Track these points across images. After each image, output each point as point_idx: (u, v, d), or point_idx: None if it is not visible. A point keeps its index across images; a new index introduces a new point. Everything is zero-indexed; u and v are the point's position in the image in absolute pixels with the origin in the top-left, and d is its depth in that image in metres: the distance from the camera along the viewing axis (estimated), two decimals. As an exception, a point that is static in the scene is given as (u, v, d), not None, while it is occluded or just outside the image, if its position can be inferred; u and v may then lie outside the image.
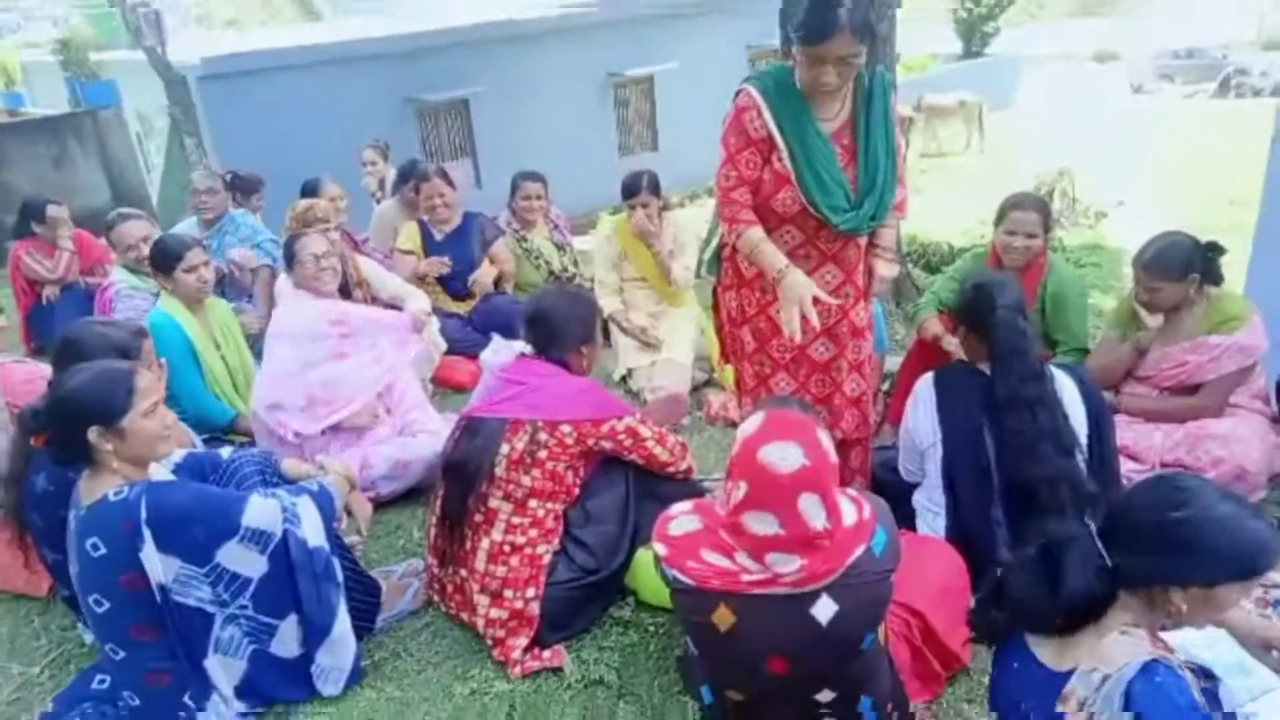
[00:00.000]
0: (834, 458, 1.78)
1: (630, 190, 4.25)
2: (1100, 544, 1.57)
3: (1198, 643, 2.07)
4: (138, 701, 2.23)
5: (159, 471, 2.34)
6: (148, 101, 12.21)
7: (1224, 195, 11.24)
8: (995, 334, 2.41)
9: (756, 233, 2.49)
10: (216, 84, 10.42)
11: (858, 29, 2.25)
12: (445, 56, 11.86)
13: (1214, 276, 3.04)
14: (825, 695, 1.87)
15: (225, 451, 2.57)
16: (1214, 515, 1.47)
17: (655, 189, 4.25)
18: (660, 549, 1.83)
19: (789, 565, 1.70)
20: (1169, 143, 16.26)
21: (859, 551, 1.75)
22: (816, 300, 2.41)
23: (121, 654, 2.20)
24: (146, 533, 2.08)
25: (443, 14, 13.36)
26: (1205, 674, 1.92)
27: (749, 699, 1.92)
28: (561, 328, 2.60)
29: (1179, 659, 1.56)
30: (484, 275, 4.65)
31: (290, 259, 3.61)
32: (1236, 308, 3.04)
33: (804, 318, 2.38)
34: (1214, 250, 3.02)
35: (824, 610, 1.73)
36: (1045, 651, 1.63)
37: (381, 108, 10.96)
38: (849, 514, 1.79)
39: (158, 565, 2.11)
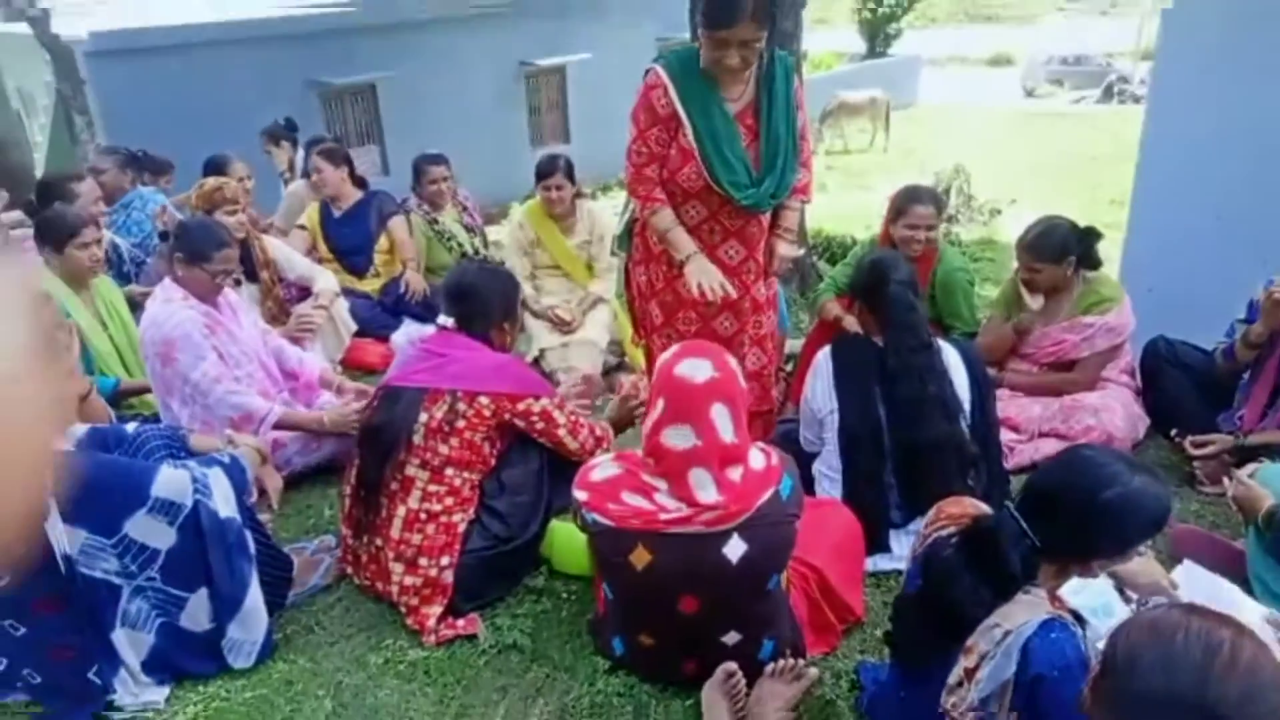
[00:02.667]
0: (742, 381, 1.94)
1: (545, 171, 4.29)
2: (1024, 525, 1.64)
3: (1069, 588, 2.27)
4: (39, 679, 2.19)
5: (60, 446, 2.29)
6: (30, 77, 11.58)
7: (1107, 195, 11.93)
8: (887, 307, 2.57)
9: (667, 214, 2.60)
10: (107, 60, 9.96)
11: (759, 14, 2.36)
12: (351, 39, 11.61)
13: (1091, 261, 3.29)
14: (731, 637, 1.99)
15: (131, 426, 2.53)
16: (1134, 489, 1.58)
17: (570, 173, 4.31)
18: (581, 494, 1.92)
19: (707, 490, 1.81)
20: (1058, 144, 17.12)
21: (768, 494, 1.88)
22: (725, 278, 2.55)
23: (22, 630, 2.15)
24: (51, 503, 2.04)
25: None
26: (1076, 617, 2.12)
27: (660, 642, 2.02)
28: (484, 302, 2.63)
29: (1070, 615, 1.71)
30: (415, 283, 4.64)
31: (197, 258, 3.09)
32: (1109, 290, 3.31)
33: (704, 293, 2.50)
34: (1090, 235, 3.26)
35: (734, 549, 1.85)
36: None
37: (284, 89, 10.63)
38: (758, 460, 1.92)
39: (63, 536, 2.08)
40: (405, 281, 4.65)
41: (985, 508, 1.87)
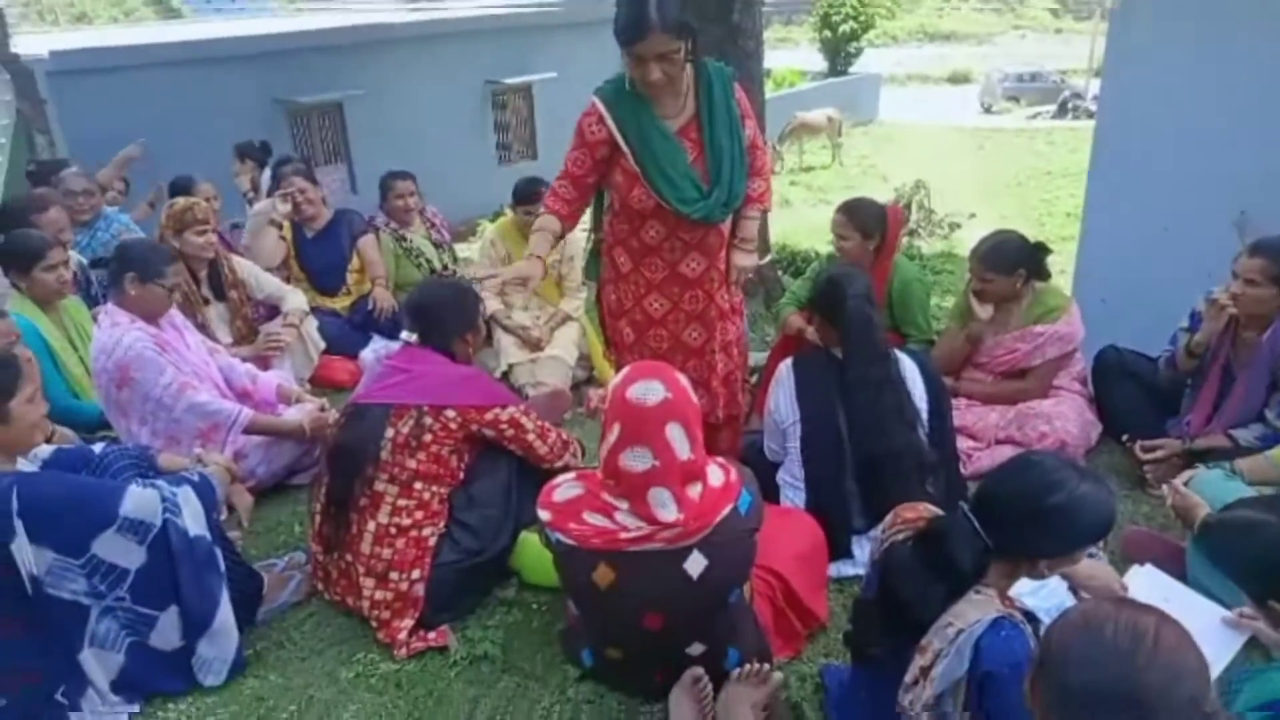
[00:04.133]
0: (694, 398, 1.97)
1: (529, 196, 4.32)
2: (976, 525, 1.71)
3: (1026, 590, 2.34)
4: (3, 701, 2.17)
5: (25, 468, 2.29)
6: (-11, 97, 11.44)
7: (1062, 208, 12.21)
8: (846, 321, 2.65)
9: (549, 220, 2.74)
10: (69, 79, 9.87)
11: (670, 26, 2.37)
12: (318, 58, 11.60)
13: (1040, 273, 3.40)
14: (696, 649, 2.03)
15: (98, 447, 2.53)
16: (1079, 494, 1.66)
17: None
18: (544, 514, 1.96)
19: (668, 509, 1.85)
20: (1015, 159, 17.49)
21: (726, 510, 1.92)
22: (675, 285, 2.79)
23: (-16, 652, 2.14)
24: (18, 524, 2.04)
25: (316, 18, 13.05)
26: (1030, 618, 2.19)
27: (627, 656, 2.06)
28: (445, 316, 2.68)
29: (1021, 614, 1.78)
30: (383, 300, 4.67)
31: (148, 274, 3.08)
32: (1057, 300, 3.42)
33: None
34: (1041, 249, 3.38)
35: (695, 565, 1.89)
36: None
37: (251, 108, 10.60)
38: (716, 477, 1.97)
39: (30, 557, 2.07)
40: (374, 299, 4.67)
41: (940, 512, 1.94)
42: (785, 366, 2.80)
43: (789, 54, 30.81)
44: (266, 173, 5.85)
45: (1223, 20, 3.82)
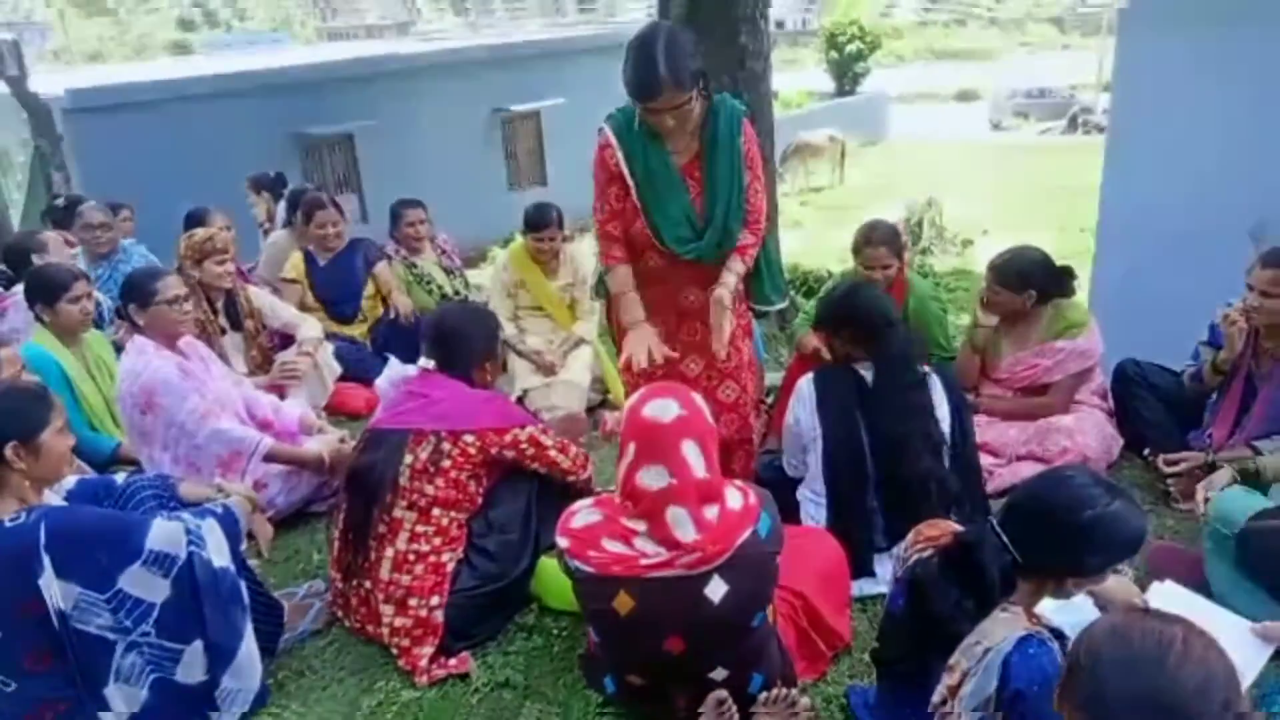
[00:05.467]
0: (710, 418, 1.97)
1: (539, 224, 4.37)
2: (1005, 539, 1.71)
3: (1049, 607, 2.32)
4: (33, 734, 2.18)
5: (51, 499, 2.31)
6: (5, 135, 11.65)
7: (1077, 223, 12.16)
8: (884, 344, 2.63)
9: (622, 273, 2.67)
10: (85, 116, 10.05)
11: (680, 81, 2.40)
12: (329, 91, 11.76)
13: (1064, 292, 3.37)
14: (719, 674, 2.01)
15: (120, 477, 2.55)
16: (1111, 511, 1.66)
17: (561, 223, 4.44)
18: (563, 542, 1.95)
19: (686, 529, 1.85)
20: (1027, 174, 17.47)
21: (746, 534, 1.91)
22: (672, 315, 2.78)
23: (12, 685, 2.14)
24: (45, 558, 2.05)
25: (326, 50, 13.24)
26: (1059, 636, 2.17)
27: (649, 682, 2.05)
28: (464, 343, 2.69)
29: (1048, 631, 1.77)
30: (404, 306, 4.72)
31: (144, 298, 3.12)
32: (1078, 315, 3.40)
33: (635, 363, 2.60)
34: (1066, 273, 3.35)
35: (716, 590, 1.88)
36: None
37: (264, 141, 10.76)
38: (735, 499, 1.96)
39: (57, 592, 2.07)
40: (394, 305, 4.71)
41: (961, 529, 1.93)
42: (806, 380, 2.78)
43: (796, 75, 30.97)
44: (282, 204, 5.92)
45: (1227, 27, 3.82)
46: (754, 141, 2.71)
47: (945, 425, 2.67)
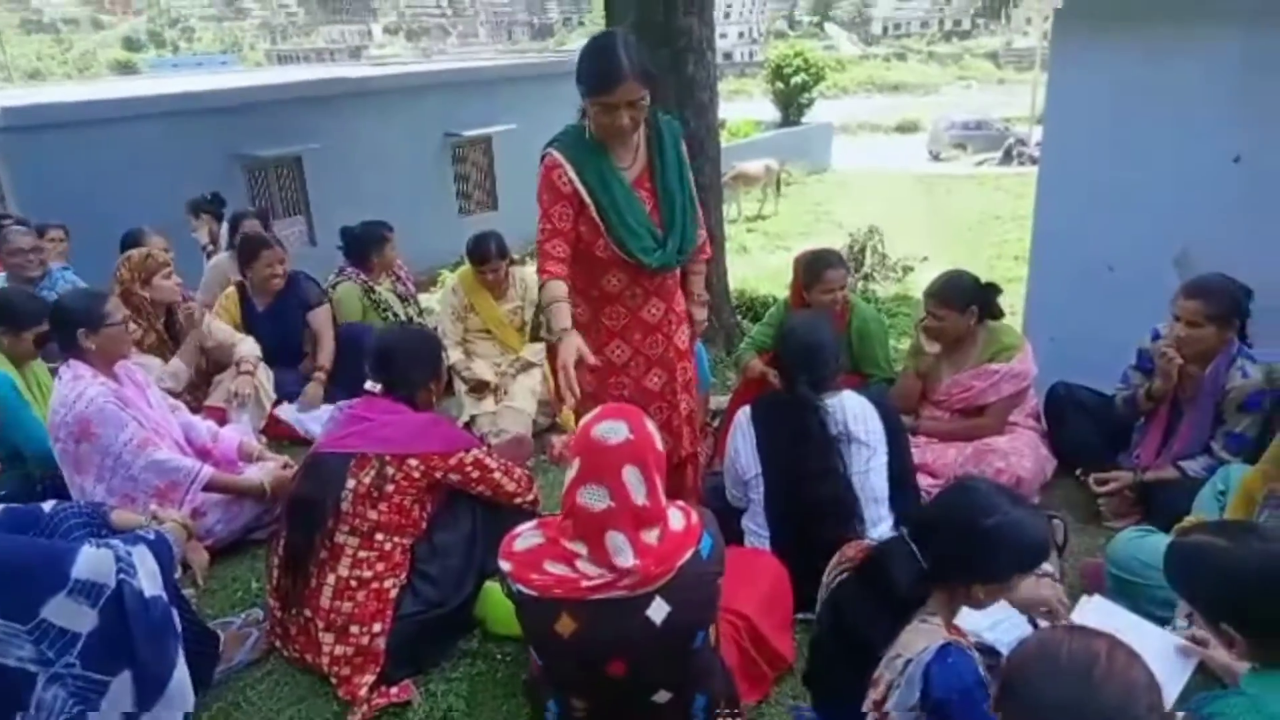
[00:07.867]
0: (659, 444, 1.97)
1: (481, 257, 4.39)
2: (914, 547, 1.79)
3: (983, 625, 2.37)
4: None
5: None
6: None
7: (1011, 251, 12.52)
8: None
9: (557, 288, 2.58)
10: (21, 135, 9.79)
11: (640, 73, 2.47)
12: (276, 112, 11.63)
13: (993, 312, 3.48)
14: (662, 696, 2.01)
15: (47, 505, 2.46)
16: (1012, 519, 1.73)
17: (502, 252, 4.43)
18: (506, 565, 1.94)
19: (624, 555, 1.85)
20: (964, 204, 17.94)
21: (688, 554, 1.92)
22: (636, 331, 2.76)
23: (-76, 723, 2.06)
24: (-37, 588, 1.98)
25: (273, 73, 13.13)
26: (990, 652, 2.22)
27: (592, 705, 2.03)
28: (408, 365, 2.68)
29: (968, 641, 1.82)
30: (314, 397, 4.36)
31: (94, 321, 3.03)
32: (1011, 338, 3.50)
33: (571, 382, 2.43)
34: (991, 289, 3.46)
35: (658, 611, 1.88)
36: None
37: (205, 162, 10.56)
38: (678, 520, 1.97)
39: (-27, 623, 2.01)
40: (305, 392, 4.36)
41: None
42: (744, 414, 2.82)
43: (743, 105, 31.51)
44: (224, 225, 5.84)
45: (1154, 64, 3.98)
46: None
47: (877, 441, 2.70)
